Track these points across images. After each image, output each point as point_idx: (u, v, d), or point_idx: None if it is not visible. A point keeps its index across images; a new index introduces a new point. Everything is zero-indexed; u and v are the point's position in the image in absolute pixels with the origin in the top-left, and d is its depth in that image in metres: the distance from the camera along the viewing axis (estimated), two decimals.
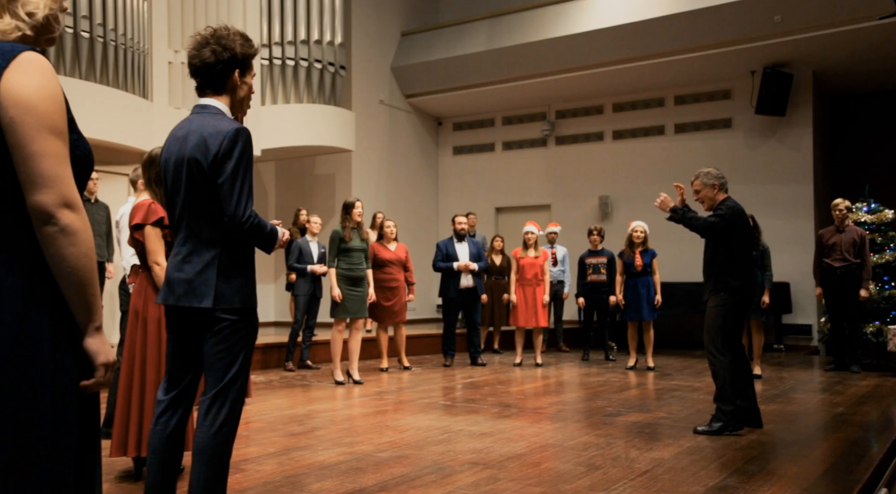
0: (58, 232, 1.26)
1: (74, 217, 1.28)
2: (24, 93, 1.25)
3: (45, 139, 1.26)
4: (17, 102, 1.24)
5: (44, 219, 1.26)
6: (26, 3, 1.35)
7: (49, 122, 1.27)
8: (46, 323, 1.28)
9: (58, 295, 1.30)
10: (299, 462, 3.61)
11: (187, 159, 2.27)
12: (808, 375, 7.32)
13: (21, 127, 1.24)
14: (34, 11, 1.35)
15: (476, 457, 3.72)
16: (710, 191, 4.49)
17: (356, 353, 6.60)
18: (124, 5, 7.58)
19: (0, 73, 1.25)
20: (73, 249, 1.27)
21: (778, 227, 9.66)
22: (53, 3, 1.39)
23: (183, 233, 2.33)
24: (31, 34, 1.36)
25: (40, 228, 1.26)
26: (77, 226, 1.28)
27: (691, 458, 3.71)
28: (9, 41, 1.32)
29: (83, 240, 1.29)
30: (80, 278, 1.29)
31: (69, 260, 1.27)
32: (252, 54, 2.40)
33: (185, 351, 2.36)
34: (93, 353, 1.33)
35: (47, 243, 1.27)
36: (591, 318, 8.65)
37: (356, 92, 10.60)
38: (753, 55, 9.53)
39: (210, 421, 2.23)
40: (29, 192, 1.26)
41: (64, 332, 1.30)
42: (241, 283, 2.31)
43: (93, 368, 1.33)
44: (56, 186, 1.26)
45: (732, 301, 4.30)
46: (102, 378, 1.34)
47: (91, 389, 1.34)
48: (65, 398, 1.29)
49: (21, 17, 1.34)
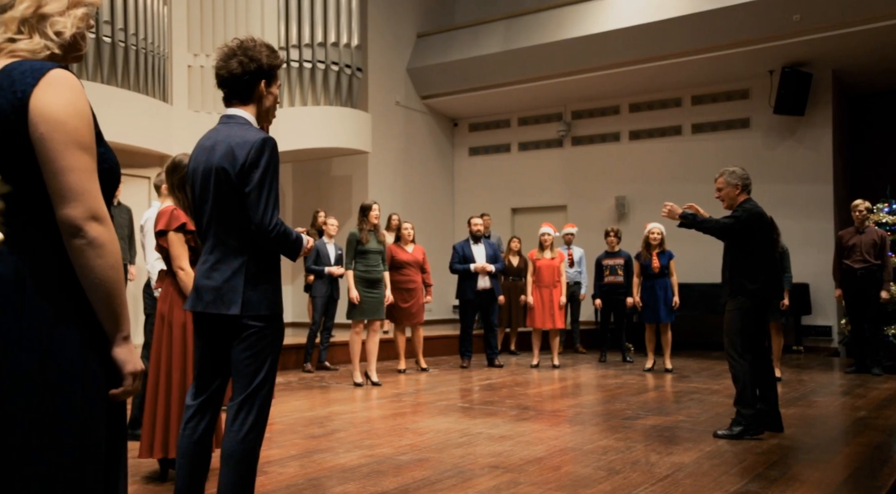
0: (86, 244, 1.29)
1: (102, 229, 1.31)
2: (53, 109, 1.28)
3: (73, 154, 1.29)
4: (47, 119, 1.28)
5: (72, 232, 1.29)
6: (55, 22, 1.38)
7: (77, 138, 1.30)
8: (75, 334, 1.31)
9: (86, 306, 1.33)
10: (321, 465, 3.65)
11: (215, 168, 2.31)
12: (828, 378, 7.26)
13: (51, 142, 1.28)
14: (62, 30, 1.39)
15: (496, 461, 3.74)
16: (732, 191, 4.47)
17: (374, 355, 6.64)
18: (145, 10, 7.68)
19: (30, 91, 1.28)
20: (101, 261, 1.31)
21: (797, 228, 9.59)
22: (80, 22, 1.43)
23: (211, 241, 2.37)
24: (59, 53, 1.40)
25: (69, 241, 1.30)
26: (104, 239, 1.31)
27: (712, 463, 3.71)
28: (38, 60, 1.35)
29: (110, 252, 1.32)
30: (107, 289, 1.32)
31: (97, 272, 1.31)
32: (278, 65, 2.43)
33: (212, 356, 2.40)
34: (121, 362, 1.36)
35: (76, 255, 1.30)
36: (608, 320, 8.63)
37: (372, 93, 10.65)
38: (772, 55, 9.46)
39: (238, 427, 2.27)
40: (58, 206, 1.29)
41: (92, 342, 1.33)
42: (268, 290, 2.34)
43: (121, 377, 1.36)
44: (84, 200, 1.29)
45: (751, 304, 4.28)
46: (130, 386, 1.37)
47: (119, 398, 1.36)
48: (94, 407, 1.32)
49: (50, 36, 1.37)
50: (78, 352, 1.31)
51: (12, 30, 1.33)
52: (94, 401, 1.32)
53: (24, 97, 1.27)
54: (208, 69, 8.75)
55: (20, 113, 1.27)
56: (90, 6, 1.44)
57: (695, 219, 4.42)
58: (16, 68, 1.29)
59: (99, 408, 1.32)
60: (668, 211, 4.47)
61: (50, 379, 1.27)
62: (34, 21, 1.35)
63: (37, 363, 1.26)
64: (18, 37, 1.33)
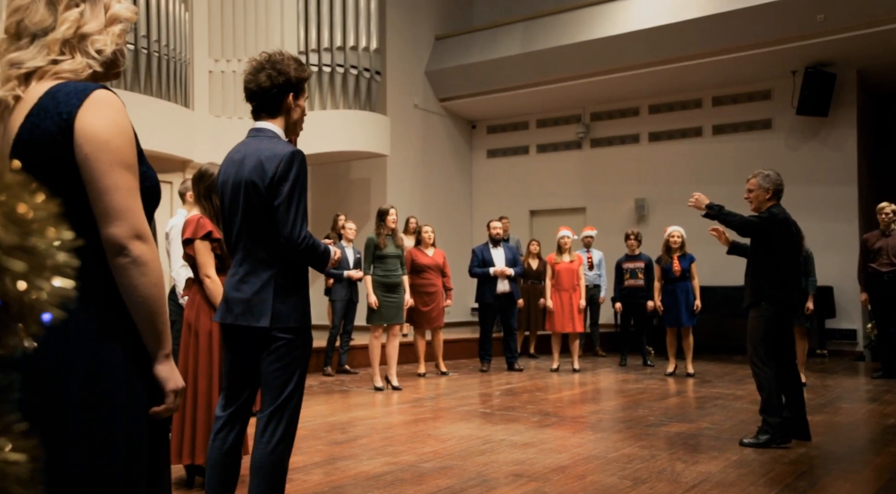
0: (130, 263, 1.30)
1: (145, 248, 1.32)
2: (97, 130, 1.30)
3: (117, 173, 1.31)
4: (92, 139, 1.29)
5: (117, 251, 1.30)
6: (95, 40, 1.39)
7: (121, 157, 1.32)
8: (119, 352, 1.32)
9: (130, 324, 1.34)
10: (344, 473, 3.66)
11: (244, 182, 2.32)
12: (854, 383, 7.16)
13: (95, 162, 1.29)
14: (102, 48, 1.40)
15: (520, 469, 3.72)
16: (763, 194, 4.41)
17: (394, 359, 6.65)
18: (167, 17, 7.75)
19: (75, 112, 1.29)
20: (144, 279, 1.32)
21: (821, 230, 9.47)
22: (119, 39, 1.44)
23: (240, 254, 2.38)
24: (100, 71, 1.41)
25: (113, 259, 1.31)
26: (148, 257, 1.32)
27: (739, 472, 3.67)
28: (80, 79, 1.37)
29: (153, 270, 1.33)
30: (150, 307, 1.33)
31: (140, 290, 1.32)
32: (305, 78, 2.44)
33: (241, 368, 2.41)
34: (163, 380, 1.37)
35: (120, 274, 1.31)
36: (628, 323, 8.58)
37: (391, 96, 10.67)
38: (795, 55, 9.35)
39: (267, 439, 2.28)
40: (103, 225, 1.30)
41: (135, 360, 1.34)
42: (297, 302, 2.35)
43: (162, 394, 1.38)
44: (128, 219, 1.31)
45: (773, 311, 4.22)
46: (172, 404, 1.38)
47: (161, 415, 1.37)
48: (137, 424, 1.33)
49: (91, 54, 1.38)
50: (123, 371, 1.32)
51: (55, 51, 1.34)
52: (137, 419, 1.33)
53: (69, 118, 1.29)
54: (229, 74, 8.81)
55: (66, 134, 1.28)
56: (127, 22, 1.46)
57: (720, 211, 4.39)
58: (60, 90, 1.31)
59: (141, 426, 1.34)
60: (695, 200, 4.44)
61: (95, 396, 1.28)
62: (75, 41, 1.37)
63: (83, 381, 1.28)
64: (61, 58, 1.35)
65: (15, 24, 1.35)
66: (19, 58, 1.33)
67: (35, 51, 1.33)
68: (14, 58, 1.33)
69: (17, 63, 1.33)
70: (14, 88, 1.32)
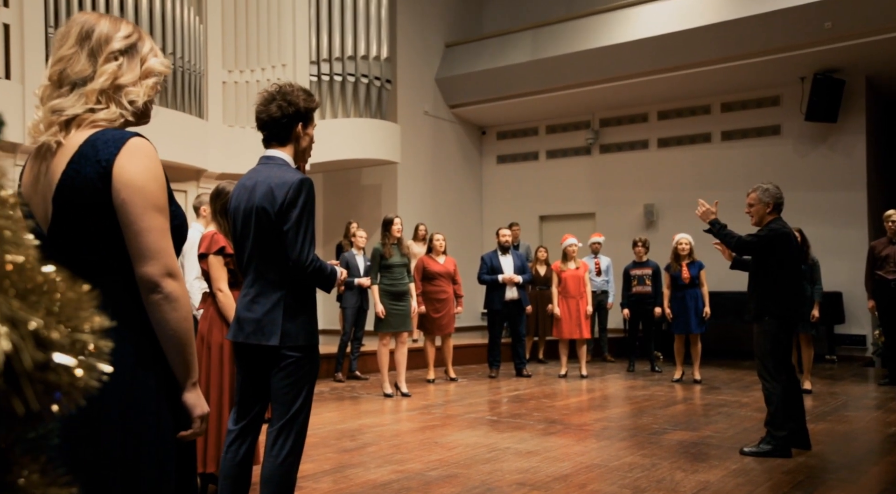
0: (162, 299, 1.43)
1: (176, 285, 1.44)
2: (133, 176, 1.42)
3: (151, 216, 1.43)
4: (128, 185, 1.42)
5: (150, 288, 1.43)
6: (129, 92, 1.52)
7: (154, 201, 1.44)
8: (152, 382, 1.45)
9: (160, 355, 1.46)
10: (353, 480, 3.78)
11: (256, 208, 2.45)
12: (861, 390, 7.19)
13: (131, 206, 1.42)
14: (135, 99, 1.53)
15: (523, 478, 3.83)
16: (763, 208, 4.49)
17: (403, 366, 6.77)
18: (183, 29, 7.92)
19: (113, 160, 1.42)
20: (175, 314, 1.44)
21: (830, 236, 9.50)
22: (151, 91, 1.57)
23: (251, 275, 2.51)
24: (132, 120, 1.54)
25: (147, 296, 1.43)
26: (178, 294, 1.44)
27: (737, 481, 3.75)
28: (114, 127, 1.49)
29: (183, 306, 1.45)
30: (180, 340, 1.46)
31: (171, 324, 1.44)
32: (314, 108, 2.56)
33: (252, 384, 2.54)
34: (190, 406, 1.49)
35: (153, 309, 1.44)
36: (636, 329, 8.65)
37: (401, 104, 10.80)
38: (803, 61, 9.38)
39: (277, 451, 2.41)
40: (137, 264, 1.43)
41: (165, 388, 1.47)
42: (305, 322, 2.48)
43: (189, 420, 1.50)
44: (161, 258, 1.43)
45: (777, 325, 4.30)
46: (199, 428, 1.50)
47: (188, 439, 1.50)
48: (166, 447, 1.46)
49: (124, 105, 1.51)
50: (154, 397, 1.44)
51: (92, 101, 1.47)
52: (166, 443, 1.45)
53: (107, 165, 1.41)
54: (242, 85, 8.98)
55: (105, 180, 1.41)
56: (160, 75, 1.58)
57: (720, 230, 4.48)
58: (99, 138, 1.44)
59: (170, 449, 1.46)
60: (702, 212, 4.53)
61: (129, 421, 1.40)
62: (111, 92, 1.49)
63: (119, 406, 1.40)
64: (98, 107, 1.47)
65: (58, 73, 1.48)
66: (60, 105, 1.46)
67: (74, 99, 1.46)
68: (55, 105, 1.46)
69: (58, 110, 1.45)
70: (56, 134, 1.45)
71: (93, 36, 1.49)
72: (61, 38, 1.51)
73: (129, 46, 1.53)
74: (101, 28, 1.51)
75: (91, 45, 1.49)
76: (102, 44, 1.50)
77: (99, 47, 1.49)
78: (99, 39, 1.50)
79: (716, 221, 4.52)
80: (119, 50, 1.51)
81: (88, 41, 1.49)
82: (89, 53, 1.48)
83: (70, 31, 1.50)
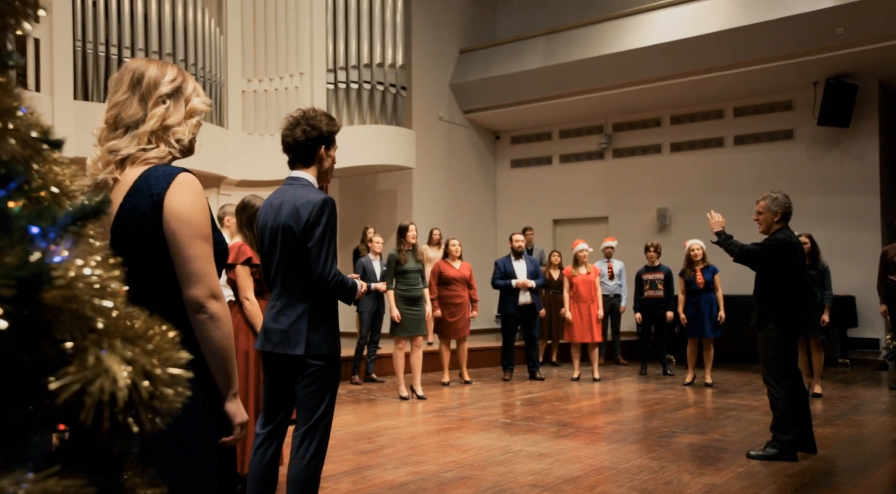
0: (207, 318, 1.60)
1: (219, 306, 1.61)
2: (182, 208, 1.60)
3: (197, 244, 1.60)
4: (178, 216, 1.59)
5: (196, 309, 1.60)
6: (175, 132, 1.70)
7: (200, 230, 1.61)
8: (199, 394, 1.61)
9: (205, 369, 1.63)
10: (371, 481, 3.95)
11: (282, 226, 2.62)
12: (872, 394, 7.26)
13: (180, 236, 1.59)
14: (182, 138, 1.70)
15: (535, 479, 3.97)
16: (771, 217, 4.60)
17: (418, 369, 6.94)
18: (203, 40, 8.15)
19: (164, 194, 1.59)
20: (219, 332, 1.61)
21: (843, 240, 9.55)
22: (195, 129, 1.75)
23: (278, 289, 2.68)
24: (179, 155, 1.72)
25: (193, 315, 1.60)
26: (221, 313, 1.61)
27: (741, 484, 3.87)
28: (164, 164, 1.67)
29: (226, 324, 1.62)
30: (223, 354, 1.63)
31: (216, 341, 1.61)
32: (335, 131, 2.73)
33: (279, 390, 2.71)
34: (231, 415, 1.66)
35: (199, 327, 1.61)
36: (648, 333, 8.76)
37: (416, 110, 10.97)
38: (816, 67, 9.44)
39: (302, 454, 2.58)
40: (185, 287, 1.60)
41: (209, 399, 1.64)
42: (328, 332, 2.65)
43: (230, 427, 1.66)
44: (206, 282, 1.60)
45: (781, 332, 4.42)
46: (239, 435, 1.67)
47: (229, 445, 1.67)
48: (210, 453, 1.62)
49: (172, 144, 1.69)
50: (201, 406, 1.61)
51: (144, 141, 1.65)
52: (210, 448, 1.62)
53: (159, 199, 1.58)
54: (261, 93, 9.19)
55: (157, 212, 1.58)
56: (202, 113, 1.76)
57: (725, 240, 4.63)
58: (151, 174, 1.61)
59: (214, 455, 1.63)
60: (712, 223, 4.68)
61: (179, 432, 1.56)
62: (160, 132, 1.67)
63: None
64: (149, 147, 1.65)
65: (113, 117, 1.66)
66: (116, 146, 1.64)
67: (128, 140, 1.64)
68: (112, 146, 1.64)
69: (114, 150, 1.64)
70: (112, 171, 1.63)
71: (143, 82, 1.67)
72: (115, 85, 1.68)
73: (174, 89, 1.70)
74: (149, 73, 1.69)
75: (141, 91, 1.66)
76: (151, 88, 1.67)
77: (148, 92, 1.67)
78: (148, 85, 1.67)
79: (721, 232, 4.67)
80: (166, 94, 1.68)
81: (139, 87, 1.67)
82: (140, 98, 1.66)
83: (123, 79, 1.68)
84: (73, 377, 0.63)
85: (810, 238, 6.94)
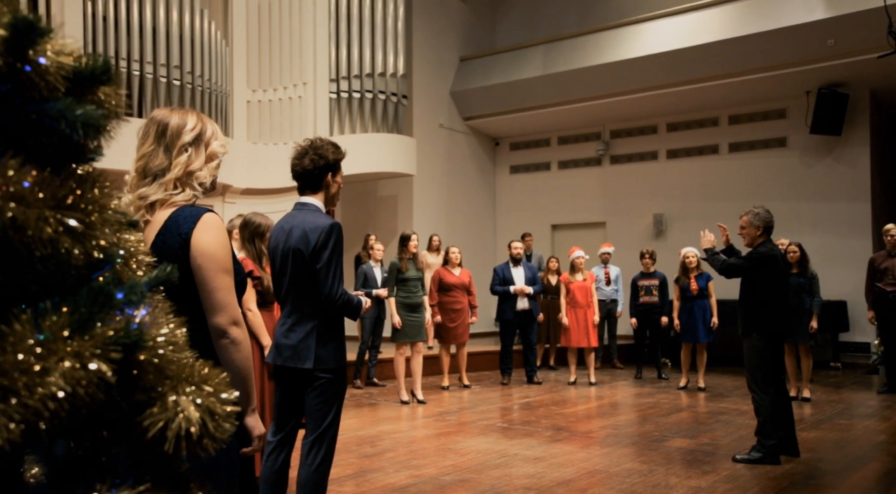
0: (229, 343, 1.81)
1: (239, 331, 1.82)
2: (207, 245, 1.81)
3: (220, 277, 1.81)
4: (203, 253, 1.80)
5: (220, 334, 1.81)
6: (198, 176, 1.91)
7: (222, 265, 1.82)
8: None
9: None
10: (373, 484, 4.16)
11: (292, 249, 2.83)
12: (860, 397, 7.46)
13: (205, 270, 1.80)
14: (204, 181, 1.91)
15: (529, 483, 4.18)
16: (754, 231, 4.82)
17: (419, 374, 7.15)
18: (210, 52, 8.36)
19: (190, 232, 1.81)
20: (239, 355, 1.82)
21: (834, 245, 9.76)
22: (215, 171, 1.95)
23: (288, 307, 2.89)
24: (201, 196, 1.93)
25: (217, 340, 1.81)
26: (241, 338, 1.82)
27: (726, 487, 4.08)
28: (189, 205, 1.88)
29: (245, 348, 1.84)
30: (243, 374, 1.83)
31: (237, 363, 1.82)
32: (341, 158, 2.94)
33: (289, 401, 2.92)
34: (250, 428, 1.87)
35: (221, 351, 1.82)
36: (643, 338, 8.97)
37: (417, 118, 11.18)
38: (808, 76, 9.64)
39: (311, 461, 2.79)
40: (209, 315, 1.81)
41: None
42: (335, 347, 2.86)
43: (249, 439, 1.87)
44: (228, 311, 1.81)
45: (763, 341, 4.64)
46: (257, 446, 1.88)
47: (249, 455, 1.87)
48: (232, 462, 1.83)
49: (195, 187, 1.90)
50: None
51: (170, 188, 1.86)
52: (232, 458, 1.83)
53: (186, 237, 1.79)
54: (266, 103, 9.41)
55: (185, 248, 1.79)
56: (221, 156, 1.96)
57: (710, 256, 4.87)
58: (179, 215, 1.83)
59: (235, 465, 1.84)
60: (703, 241, 4.91)
61: None
62: (184, 178, 1.88)
63: None
64: (174, 192, 1.86)
65: (142, 167, 1.87)
66: (146, 192, 1.85)
67: (156, 187, 1.85)
68: (142, 192, 1.86)
69: (143, 196, 1.85)
70: (143, 215, 1.84)
71: (167, 133, 1.88)
72: (143, 137, 1.89)
73: (195, 138, 1.91)
74: (172, 123, 1.89)
75: (166, 142, 1.87)
76: (174, 138, 1.88)
77: (172, 142, 1.87)
78: (171, 135, 1.88)
79: (709, 249, 4.92)
80: (188, 142, 1.89)
81: (164, 138, 1.87)
82: (165, 149, 1.87)
83: (149, 131, 1.89)
84: (158, 417, 0.83)
85: (799, 247, 7.15)
